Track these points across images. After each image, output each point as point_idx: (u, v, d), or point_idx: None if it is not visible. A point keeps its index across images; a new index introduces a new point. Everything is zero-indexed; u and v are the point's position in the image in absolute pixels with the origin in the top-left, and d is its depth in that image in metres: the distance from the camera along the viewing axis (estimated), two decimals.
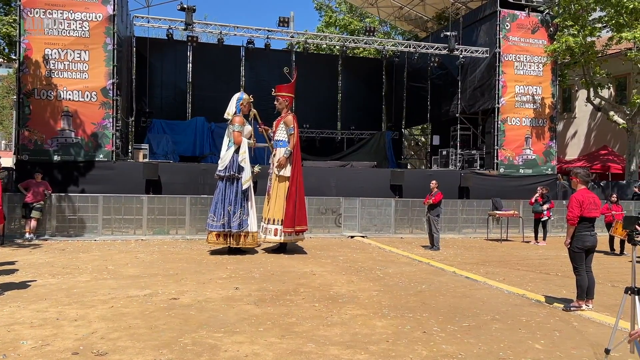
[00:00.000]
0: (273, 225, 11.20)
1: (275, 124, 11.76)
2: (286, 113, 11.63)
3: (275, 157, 11.48)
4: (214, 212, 10.85)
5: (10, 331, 5.25)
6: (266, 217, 11.40)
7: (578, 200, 6.64)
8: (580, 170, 7.05)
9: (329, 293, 7.40)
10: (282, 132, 11.51)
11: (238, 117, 11.01)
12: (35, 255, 10.25)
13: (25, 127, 14.18)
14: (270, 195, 11.41)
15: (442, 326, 5.85)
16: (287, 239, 11.27)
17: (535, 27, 19.09)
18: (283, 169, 11.28)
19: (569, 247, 6.78)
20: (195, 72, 23.41)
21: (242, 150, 10.86)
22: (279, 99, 11.76)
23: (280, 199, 11.26)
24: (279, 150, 11.43)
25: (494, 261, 10.92)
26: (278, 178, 11.35)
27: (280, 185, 11.34)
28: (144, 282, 7.80)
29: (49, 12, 14.30)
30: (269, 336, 5.32)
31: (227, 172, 10.84)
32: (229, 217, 10.71)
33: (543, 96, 19.23)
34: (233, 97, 11.38)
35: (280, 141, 11.50)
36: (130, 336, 5.19)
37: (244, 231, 10.83)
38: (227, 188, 10.84)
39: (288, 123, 11.42)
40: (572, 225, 6.68)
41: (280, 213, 11.17)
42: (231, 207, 10.75)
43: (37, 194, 12.50)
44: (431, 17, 25.53)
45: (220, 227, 10.72)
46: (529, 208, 15.20)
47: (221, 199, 10.80)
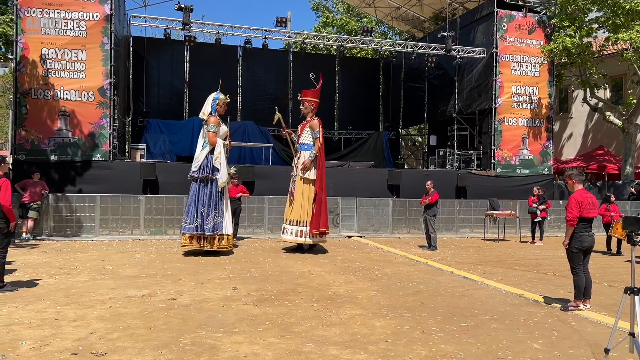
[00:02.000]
0: (297, 226, 11.31)
1: (300, 127, 11.99)
2: (311, 117, 11.81)
3: (300, 159, 11.59)
4: (187, 214, 10.73)
5: (9, 331, 5.23)
6: (288, 218, 11.50)
7: (577, 201, 6.66)
8: (572, 171, 7.09)
9: (328, 293, 7.41)
10: (307, 135, 11.68)
11: (213, 117, 10.90)
12: (32, 255, 10.23)
13: (22, 127, 14.15)
14: (294, 197, 11.49)
15: (440, 326, 5.86)
16: (314, 240, 11.43)
17: (532, 28, 19.16)
18: (308, 171, 11.42)
19: (568, 247, 6.79)
20: (192, 71, 23.39)
21: (216, 151, 10.72)
22: (305, 103, 11.94)
23: (305, 201, 11.37)
24: (304, 154, 11.57)
25: (492, 261, 10.95)
26: (303, 180, 11.45)
27: (305, 187, 11.44)
28: (142, 282, 7.79)
29: (46, 11, 14.27)
30: (268, 336, 5.32)
31: (200, 173, 10.68)
32: (203, 219, 10.57)
33: (540, 96, 19.30)
34: (209, 97, 11.31)
35: (305, 144, 11.66)
36: (130, 336, 5.18)
37: (218, 234, 10.66)
38: (200, 189, 10.69)
39: (314, 127, 11.60)
40: (571, 226, 6.69)
41: (305, 215, 11.30)
42: (205, 209, 10.60)
43: (34, 194, 12.46)
44: (428, 18, 25.58)
45: (194, 229, 10.57)
46: (526, 208, 15.24)
47: (194, 201, 10.66)
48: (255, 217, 14.68)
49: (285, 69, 25.16)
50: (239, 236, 13.41)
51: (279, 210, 14.76)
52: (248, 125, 22.42)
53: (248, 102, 24.49)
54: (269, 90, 24.82)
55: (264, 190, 15.28)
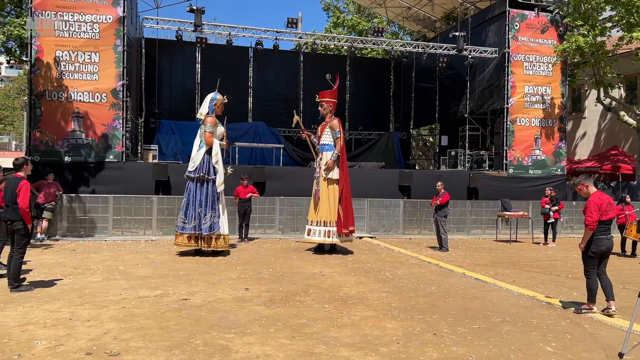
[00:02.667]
0: (324, 227, 11.37)
1: (320, 128, 12.04)
2: (331, 118, 11.88)
3: (322, 160, 11.65)
4: (184, 214, 10.76)
5: (25, 331, 5.31)
6: (313, 219, 11.57)
7: (596, 204, 6.46)
8: (580, 178, 6.96)
9: (339, 294, 7.42)
10: (328, 136, 11.75)
11: (210, 118, 10.98)
12: (47, 255, 10.35)
13: (36, 129, 14.32)
14: (320, 197, 11.53)
15: (452, 328, 5.84)
16: (341, 240, 11.52)
17: (545, 27, 19.01)
18: (331, 171, 11.48)
19: (584, 250, 6.62)
20: (204, 73, 23.50)
21: (214, 152, 10.80)
22: (323, 104, 12.02)
23: (330, 202, 11.44)
24: (326, 154, 11.64)
25: (504, 262, 10.88)
26: (327, 181, 11.52)
27: (329, 188, 11.51)
28: (154, 283, 7.85)
29: (60, 14, 14.42)
30: (279, 337, 5.34)
31: (197, 173, 10.75)
32: (200, 219, 10.63)
33: (552, 96, 19.14)
34: (206, 97, 11.40)
35: (326, 145, 11.74)
36: (142, 337, 5.23)
37: (215, 234, 10.72)
38: (197, 189, 10.75)
39: (334, 127, 11.67)
40: (591, 230, 6.47)
41: (331, 215, 11.38)
42: (202, 209, 10.66)
43: (49, 194, 12.61)
44: (439, 18, 25.48)
45: (192, 229, 10.63)
46: (538, 209, 15.14)
47: (192, 201, 10.70)
48: (266, 217, 14.72)
49: (296, 70, 25.20)
50: (249, 237, 13.47)
51: (290, 211, 14.84)
52: (259, 126, 22.49)
53: (259, 103, 24.55)
54: (280, 91, 24.87)
55: (275, 190, 15.32)
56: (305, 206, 14.83)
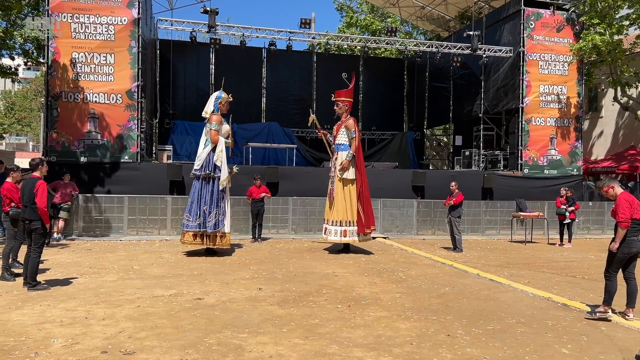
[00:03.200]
0: (340, 226, 11.38)
1: (335, 128, 12.02)
2: (346, 117, 11.86)
3: (337, 160, 11.65)
4: (189, 211, 10.83)
5: (41, 330, 5.38)
6: (330, 218, 11.58)
7: (627, 201, 6.26)
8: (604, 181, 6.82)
9: (352, 294, 7.41)
10: (343, 136, 11.74)
11: (215, 116, 11.01)
12: (63, 255, 10.48)
13: (53, 129, 14.51)
14: (334, 197, 11.55)
15: (466, 329, 5.81)
16: (361, 240, 11.53)
17: (561, 26, 18.81)
18: (346, 171, 11.47)
19: (616, 252, 6.31)
20: (218, 73, 23.59)
21: (218, 150, 10.82)
22: (339, 103, 12.00)
23: (347, 201, 11.43)
24: (341, 154, 11.63)
25: (519, 263, 10.78)
26: (342, 181, 11.52)
27: (345, 188, 11.51)
28: (169, 282, 7.91)
29: (76, 16, 14.59)
30: (292, 337, 5.35)
31: (202, 171, 10.80)
32: (205, 217, 10.68)
33: (568, 95, 18.93)
34: (212, 96, 11.44)
35: (341, 145, 11.72)
36: (157, 336, 5.27)
37: (220, 232, 10.76)
38: (202, 187, 10.80)
39: (349, 127, 11.65)
40: (626, 227, 6.20)
41: (349, 215, 11.38)
42: (207, 207, 10.71)
43: (65, 194, 12.76)
44: (453, 17, 25.32)
45: (197, 227, 10.68)
46: (554, 209, 14.98)
47: (197, 199, 10.76)
48: (280, 217, 14.74)
49: (309, 70, 25.20)
50: (262, 237, 13.50)
51: (303, 211, 14.85)
52: (272, 126, 22.55)
53: (272, 104, 24.62)
54: (293, 91, 24.91)
55: (288, 191, 15.34)
56: (318, 206, 14.87)
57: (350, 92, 12.25)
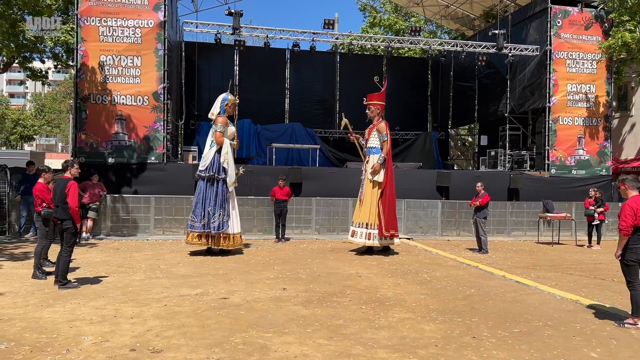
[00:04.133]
0: (365, 229, 11.43)
1: (367, 131, 12.10)
2: (378, 121, 11.91)
3: (369, 163, 11.71)
4: (194, 212, 10.93)
5: (72, 327, 5.51)
6: (357, 220, 11.66)
7: (632, 209, 6.12)
8: (627, 176, 6.65)
9: (376, 295, 7.40)
10: (375, 139, 11.80)
11: (221, 118, 11.10)
12: (92, 254, 10.70)
13: (82, 131, 14.82)
14: (363, 200, 11.62)
15: (492, 331, 5.75)
16: (381, 243, 11.51)
17: (589, 23, 18.45)
18: (377, 174, 11.52)
19: (621, 259, 6.27)
20: (242, 75, 23.81)
21: (224, 151, 10.89)
22: (371, 107, 12.06)
23: (373, 205, 11.47)
24: (373, 157, 11.69)
25: (546, 265, 10.62)
26: (372, 183, 11.58)
27: (373, 190, 11.56)
28: (194, 282, 8.02)
29: (104, 20, 14.89)
30: (317, 337, 5.37)
31: (207, 173, 10.88)
32: (209, 218, 10.74)
33: (597, 94, 18.56)
34: (218, 98, 11.50)
35: (373, 148, 11.79)
36: (184, 334, 5.36)
37: (223, 233, 10.80)
38: (207, 189, 10.88)
39: (381, 130, 11.71)
40: (625, 235, 6.14)
41: (373, 217, 11.41)
42: (211, 208, 10.78)
43: (93, 195, 13.04)
44: (478, 16, 25.05)
45: (201, 227, 10.75)
46: (581, 210, 14.71)
47: (201, 200, 10.85)
48: (303, 218, 14.79)
49: (333, 71, 25.23)
50: (286, 237, 13.57)
51: (326, 212, 14.88)
52: (295, 127, 22.65)
53: (295, 105, 24.71)
54: (317, 92, 24.97)
55: (312, 191, 15.38)
56: (342, 207, 14.92)
57: (382, 95, 12.28)
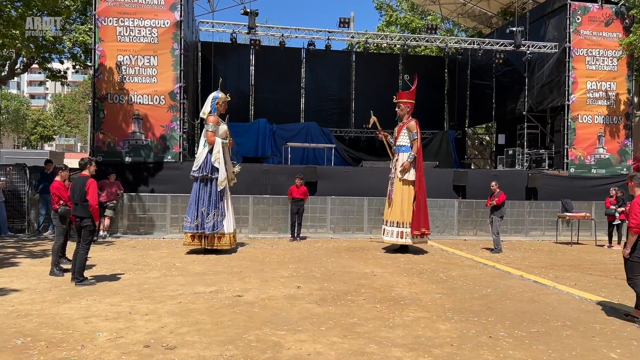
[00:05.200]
0: (397, 227, 11.40)
1: (397, 130, 12.08)
2: (408, 119, 11.89)
3: (399, 161, 11.67)
4: (187, 213, 10.92)
5: (88, 323, 5.55)
6: (388, 219, 11.63)
7: None
8: (636, 173, 6.53)
9: (391, 294, 7.34)
10: (404, 137, 11.78)
11: (212, 117, 11.05)
12: (108, 251, 10.80)
13: (99, 130, 14.97)
14: (393, 199, 11.58)
15: (509, 331, 5.66)
16: (414, 241, 11.48)
17: (609, 20, 18.11)
18: (407, 173, 11.49)
19: (629, 257, 6.15)
20: (257, 75, 23.87)
21: (215, 151, 10.83)
22: (401, 105, 12.06)
23: (405, 203, 11.43)
24: (402, 155, 11.67)
25: (564, 265, 10.44)
26: (402, 182, 11.54)
27: (404, 188, 11.52)
28: (209, 279, 8.04)
29: (121, 20, 15.01)
30: (331, 335, 5.33)
31: (200, 173, 10.85)
32: (203, 218, 10.70)
33: (618, 92, 18.21)
34: (209, 96, 11.46)
35: (402, 146, 11.78)
36: (197, 331, 5.36)
37: (217, 233, 10.74)
38: (201, 189, 10.85)
39: (411, 128, 11.69)
40: (636, 233, 6.04)
41: (405, 216, 11.37)
42: (205, 209, 10.74)
43: (111, 193, 13.17)
44: (496, 13, 24.77)
45: (194, 228, 10.72)
46: (601, 210, 14.45)
47: (195, 200, 10.83)
48: (318, 217, 14.76)
49: (348, 70, 25.15)
50: (302, 235, 13.55)
51: (341, 211, 14.84)
52: (311, 126, 22.61)
53: (311, 104, 24.67)
54: (332, 91, 24.91)
55: (327, 190, 15.34)
56: (357, 206, 14.86)
57: (412, 93, 12.24)
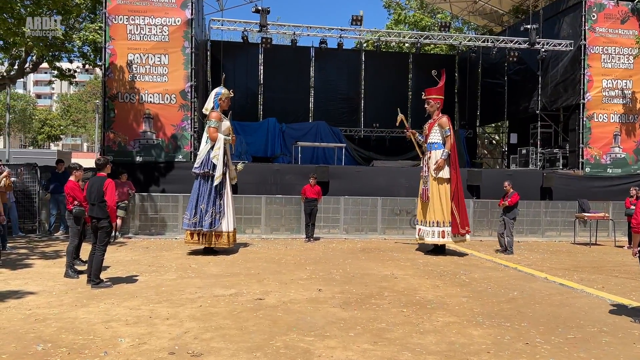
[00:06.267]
0: (438, 227, 11.15)
1: (427, 127, 11.79)
2: (439, 115, 11.63)
3: (431, 159, 11.40)
4: (188, 209, 10.75)
5: (108, 328, 5.36)
6: (423, 219, 11.39)
7: None
8: None
9: (415, 298, 7.12)
10: (436, 134, 11.50)
11: (215, 113, 10.92)
12: (121, 253, 10.62)
13: (110, 130, 14.81)
14: (431, 197, 11.27)
15: (544, 337, 5.43)
16: (456, 241, 11.25)
17: (625, 17, 17.81)
18: (441, 170, 11.22)
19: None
20: (267, 74, 23.69)
21: (216, 147, 10.66)
22: (430, 101, 11.82)
23: (443, 201, 11.18)
24: (435, 153, 11.40)
25: (587, 267, 10.20)
26: (437, 180, 11.27)
27: (440, 187, 11.26)
28: (227, 281, 7.84)
29: (132, 18, 14.84)
30: (361, 342, 5.12)
31: (202, 169, 10.68)
32: (201, 215, 10.52)
33: (634, 90, 17.90)
34: (212, 92, 11.32)
35: (434, 143, 11.49)
36: (222, 337, 5.16)
37: (215, 231, 10.53)
38: (201, 186, 10.69)
39: (443, 125, 11.41)
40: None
41: (445, 215, 11.11)
42: (204, 206, 10.57)
43: (122, 194, 12.96)
44: (507, 11, 24.49)
45: (192, 225, 10.54)
46: (619, 210, 14.17)
47: (195, 197, 10.67)
48: (331, 217, 14.55)
49: (358, 69, 24.91)
50: (315, 236, 13.35)
51: (355, 211, 14.62)
52: (320, 125, 22.39)
53: (320, 103, 24.47)
54: (341, 90, 24.68)
55: (338, 190, 15.13)
56: (370, 206, 14.65)
57: (440, 89, 11.97)
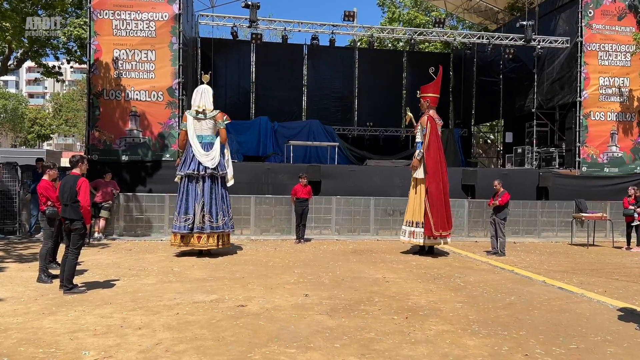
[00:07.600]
0: (408, 227, 11.12)
1: (415, 126, 11.62)
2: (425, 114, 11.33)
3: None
4: (181, 212, 10.41)
5: (73, 339, 4.95)
6: (405, 219, 11.33)
7: None
8: None
9: (407, 304, 6.73)
10: (419, 133, 11.30)
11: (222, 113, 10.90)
12: (102, 255, 10.20)
13: (95, 128, 14.36)
14: (408, 197, 11.33)
15: (545, 348, 5.06)
16: (426, 242, 10.96)
17: (622, 14, 17.51)
18: (415, 171, 11.05)
19: None
20: (259, 72, 23.29)
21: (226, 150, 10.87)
22: (420, 100, 11.64)
23: (416, 202, 11.01)
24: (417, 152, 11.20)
25: (586, 269, 9.84)
26: (414, 180, 11.18)
27: (417, 188, 11.09)
28: (209, 286, 7.43)
29: (117, 13, 14.40)
30: (347, 354, 4.73)
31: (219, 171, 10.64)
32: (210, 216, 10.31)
33: (631, 88, 17.61)
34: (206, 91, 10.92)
35: (419, 143, 11.28)
36: (196, 349, 4.75)
37: (205, 232, 10.19)
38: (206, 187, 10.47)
39: (423, 124, 11.19)
40: None
41: (417, 215, 10.94)
42: (211, 207, 10.39)
43: (106, 193, 12.57)
44: (502, 8, 24.15)
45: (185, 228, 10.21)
46: (617, 210, 13.86)
47: (192, 198, 10.41)
48: (322, 218, 14.15)
49: (351, 67, 24.53)
50: (306, 237, 12.96)
51: (347, 211, 14.24)
52: (313, 124, 22.05)
53: (313, 102, 24.09)
54: (335, 88, 24.32)
55: (331, 190, 14.74)
56: (362, 206, 14.30)
57: (433, 86, 11.64)
